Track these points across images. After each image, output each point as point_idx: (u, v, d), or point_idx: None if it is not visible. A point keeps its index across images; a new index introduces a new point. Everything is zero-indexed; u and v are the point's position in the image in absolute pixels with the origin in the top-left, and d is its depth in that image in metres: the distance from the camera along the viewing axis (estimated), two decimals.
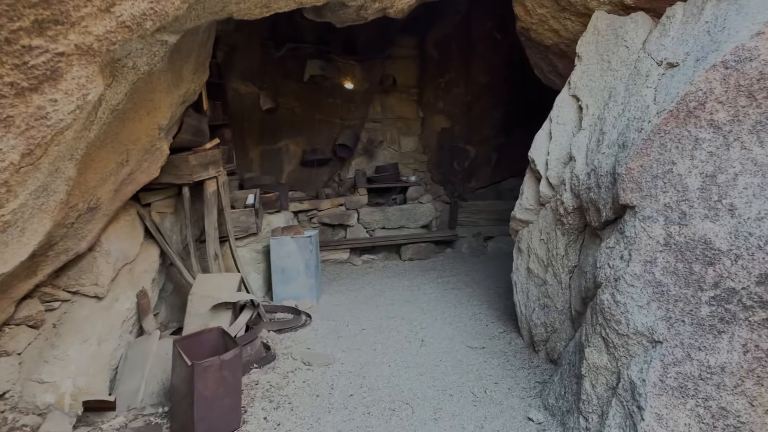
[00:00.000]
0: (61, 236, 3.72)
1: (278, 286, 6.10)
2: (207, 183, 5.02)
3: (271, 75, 7.97)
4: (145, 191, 5.01)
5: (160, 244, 4.82)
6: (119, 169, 4.02)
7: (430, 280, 6.88)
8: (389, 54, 8.86)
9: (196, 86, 4.61)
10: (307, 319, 5.50)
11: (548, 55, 5.33)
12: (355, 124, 8.88)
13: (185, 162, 4.72)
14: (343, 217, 8.33)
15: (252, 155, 8.19)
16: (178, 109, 4.53)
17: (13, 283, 3.58)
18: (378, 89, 8.97)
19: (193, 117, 4.94)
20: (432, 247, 8.08)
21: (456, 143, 9.27)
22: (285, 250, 6.07)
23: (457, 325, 5.23)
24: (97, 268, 4.14)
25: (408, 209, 8.40)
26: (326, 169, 8.92)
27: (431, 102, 9.20)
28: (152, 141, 4.28)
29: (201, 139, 5.15)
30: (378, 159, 9.23)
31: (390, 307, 5.90)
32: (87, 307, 4.08)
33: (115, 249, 4.31)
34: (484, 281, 6.67)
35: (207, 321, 4.28)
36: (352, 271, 7.63)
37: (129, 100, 3.73)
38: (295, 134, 8.47)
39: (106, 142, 3.71)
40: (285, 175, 8.56)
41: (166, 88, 4.19)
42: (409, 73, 9.17)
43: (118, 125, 3.76)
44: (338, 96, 8.60)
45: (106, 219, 4.18)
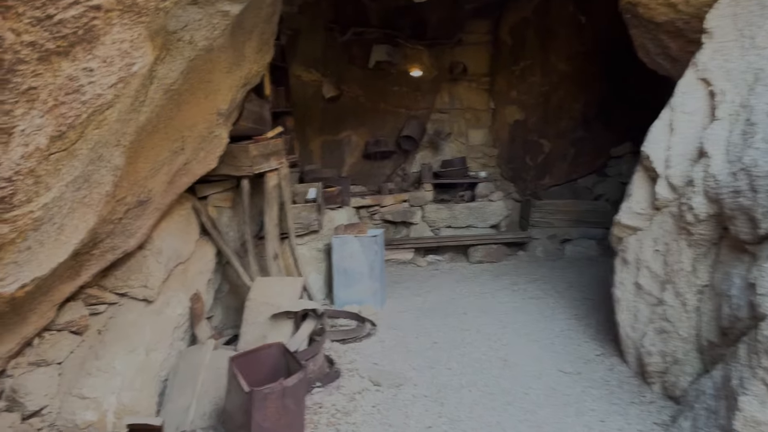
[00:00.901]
0: (108, 233, 3.30)
1: (340, 289, 5.60)
2: (268, 175, 4.54)
3: (334, 61, 7.48)
4: (201, 183, 4.58)
5: (216, 242, 4.37)
6: (173, 159, 3.58)
7: (504, 287, 6.23)
8: (460, 39, 8.22)
9: (259, 67, 4.13)
10: (372, 328, 4.97)
11: (659, 35, 4.59)
12: (421, 115, 8.30)
13: (245, 152, 4.25)
14: (407, 214, 7.77)
15: (312, 146, 7.72)
16: (239, 93, 4.06)
17: (54, 284, 3.18)
18: (446, 77, 8.35)
19: (254, 102, 4.47)
20: (503, 249, 7.42)
21: (529, 136, 8.56)
22: (348, 250, 5.55)
23: (544, 342, 4.59)
24: (147, 269, 3.72)
25: (477, 207, 7.76)
26: (389, 162, 8.38)
27: (504, 91, 8.51)
28: (210, 127, 3.83)
29: (262, 127, 4.67)
30: (444, 152, 8.62)
31: (462, 317, 5.30)
32: (135, 311, 3.67)
33: (167, 247, 3.88)
34: (567, 291, 5.98)
35: (265, 331, 3.80)
36: (416, 272, 7.07)
37: (185, 80, 3.27)
38: (358, 125, 7.96)
39: (158, 128, 3.26)
40: (346, 168, 8.07)
41: (227, 68, 3.72)
42: (481, 60, 8.50)
43: (173, 109, 3.30)
44: (404, 84, 8.03)
45: (158, 214, 3.75)
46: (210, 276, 4.37)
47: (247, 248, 4.67)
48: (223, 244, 4.41)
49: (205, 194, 4.68)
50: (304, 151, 7.53)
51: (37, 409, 3.04)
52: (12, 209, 2.02)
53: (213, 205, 4.71)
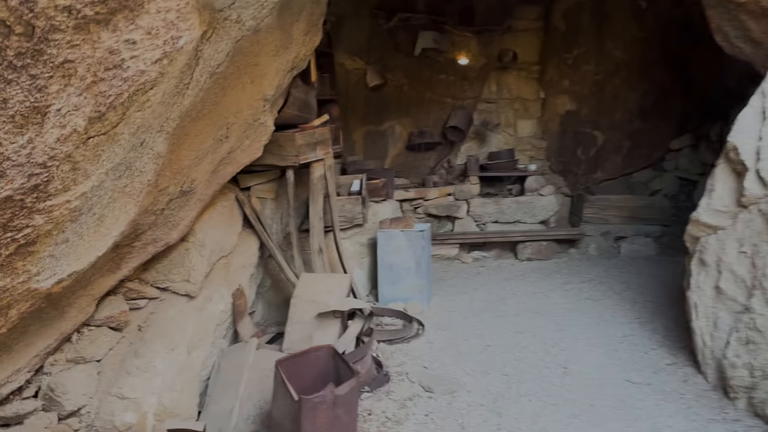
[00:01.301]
0: (149, 224, 3.13)
1: (384, 286, 5.36)
2: (313, 166, 4.32)
3: (378, 49, 7.21)
4: (243, 173, 4.39)
5: (260, 235, 4.18)
6: (217, 147, 3.38)
7: (556, 286, 5.90)
8: (509, 26, 7.85)
9: (307, 51, 3.90)
10: (420, 327, 4.72)
11: (739, 15, 4.18)
12: (467, 105, 7.96)
13: (291, 141, 4.03)
14: (452, 208, 7.47)
15: (355, 137, 7.49)
16: (286, 78, 3.84)
17: (94, 277, 3.02)
18: (495, 65, 7.98)
19: (300, 89, 4.25)
20: (554, 246, 7.07)
21: (581, 128, 8.14)
22: (393, 245, 5.31)
23: (606, 348, 4.26)
24: (189, 262, 3.54)
25: (526, 202, 7.41)
26: (433, 154, 8.08)
27: (555, 81, 8.10)
28: (255, 114, 3.62)
29: (308, 115, 4.45)
30: (490, 144, 8.27)
31: (515, 318, 5.01)
32: (177, 306, 3.49)
33: (210, 240, 3.70)
34: (625, 292, 5.61)
35: (311, 330, 3.59)
36: (461, 269, 6.78)
37: (231, 63, 3.06)
38: (402, 114, 7.68)
39: (203, 114, 3.06)
40: (389, 160, 7.81)
41: (274, 50, 3.50)
42: (531, 47, 8.10)
43: (218, 93, 3.10)
44: (451, 72, 7.70)
45: (201, 205, 3.57)
46: (253, 270, 4.18)
47: (290, 241, 4.47)
48: (267, 238, 4.21)
49: (248, 185, 4.49)
50: (347, 142, 7.30)
51: (75, 409, 2.89)
52: (47, 198, 1.83)
53: (256, 196, 4.52)
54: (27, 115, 1.53)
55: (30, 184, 1.70)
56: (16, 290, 2.08)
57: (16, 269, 1.98)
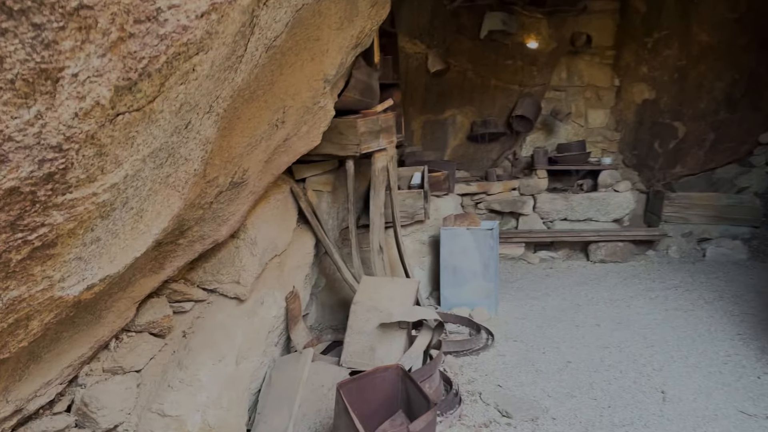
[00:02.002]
0: (196, 220, 2.77)
1: (447, 289, 4.90)
2: (376, 156, 3.90)
3: (441, 31, 6.71)
4: (299, 164, 4.01)
5: (316, 231, 3.79)
6: (272, 133, 2.99)
7: (638, 293, 5.31)
8: (584, 6, 7.21)
9: (373, 25, 3.46)
10: (489, 337, 4.25)
11: None
12: (535, 92, 7.38)
13: (352, 128, 3.61)
14: (516, 204, 6.94)
15: (414, 126, 7.03)
16: (349, 56, 3.41)
17: (135, 278, 2.68)
18: (566, 50, 7.37)
19: (362, 70, 3.82)
20: (630, 247, 6.44)
21: (660, 119, 7.43)
22: (459, 244, 4.84)
23: (708, 371, 3.69)
24: (239, 262, 3.18)
25: (599, 198, 6.80)
26: (496, 145, 7.55)
27: (632, 67, 7.42)
28: (315, 97, 3.21)
29: (371, 100, 4.03)
30: (558, 135, 7.68)
31: (595, 329, 4.47)
32: (225, 311, 3.13)
33: (262, 237, 3.33)
34: (717, 302, 4.97)
35: (373, 342, 3.17)
36: (528, 270, 6.25)
37: (289, 36, 2.66)
38: (465, 102, 7.17)
39: (257, 94, 2.67)
40: (449, 151, 7.33)
41: (338, 23, 3.08)
42: (606, 30, 7.44)
43: (274, 71, 2.70)
44: (519, 57, 7.13)
45: (253, 198, 3.19)
46: (308, 271, 3.79)
47: (348, 238, 4.07)
48: (324, 235, 3.82)
49: (303, 176, 4.11)
50: (405, 132, 6.85)
51: (111, 426, 2.57)
52: (67, 191, 1.45)
53: (312, 189, 4.13)
54: (32, 80, 1.15)
55: (42, 173, 1.32)
56: (35, 299, 1.73)
57: (33, 276, 1.63)
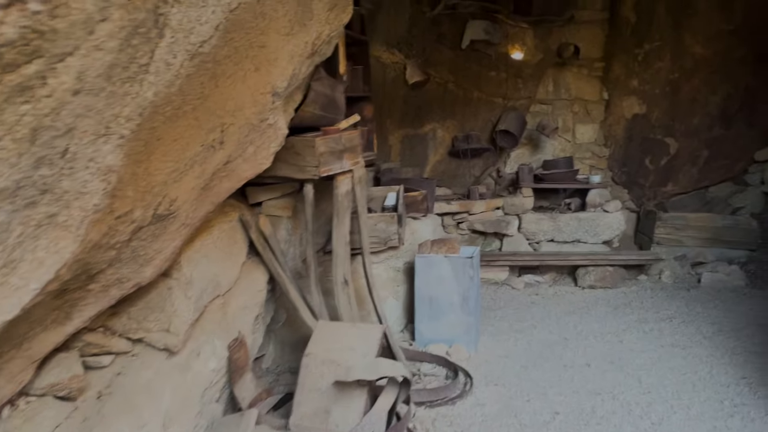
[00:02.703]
0: (109, 262, 2.28)
1: (423, 323, 4.44)
2: (339, 179, 3.44)
3: (420, 40, 6.31)
4: (254, 186, 3.56)
5: (270, 265, 3.32)
6: (208, 156, 2.53)
7: (630, 325, 4.88)
8: (572, 16, 6.84)
9: (332, 30, 3.02)
10: (468, 381, 3.79)
11: None
12: (520, 106, 6.99)
13: (310, 148, 3.16)
14: (500, 224, 6.51)
15: (391, 141, 6.59)
16: (304, 66, 2.96)
17: (33, 333, 2.20)
18: (552, 61, 6.99)
19: (324, 82, 3.38)
20: (621, 272, 6.03)
21: (651, 134, 7.08)
22: (435, 273, 4.39)
23: (714, 424, 3.26)
24: (171, 306, 2.70)
25: (587, 219, 6.39)
26: (479, 161, 7.14)
27: (621, 80, 7.06)
28: (262, 113, 2.76)
29: (334, 115, 3.58)
30: (545, 151, 7.28)
31: (585, 370, 4.03)
32: (152, 365, 2.65)
33: (201, 276, 2.85)
34: (717, 336, 4.56)
35: (328, 402, 2.70)
36: (512, 297, 5.81)
37: (225, 42, 2.21)
38: (446, 116, 6.76)
39: (183, 111, 2.21)
40: (429, 168, 6.90)
41: (287, 28, 2.63)
42: (594, 41, 7.08)
43: (206, 83, 2.24)
44: (503, 69, 6.75)
45: (187, 231, 2.71)
46: (259, 311, 3.32)
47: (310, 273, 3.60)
48: (279, 268, 3.34)
49: (258, 200, 3.66)
50: (382, 147, 6.42)
51: None
52: None
53: (268, 214, 3.67)
54: None
55: None
56: None
57: None
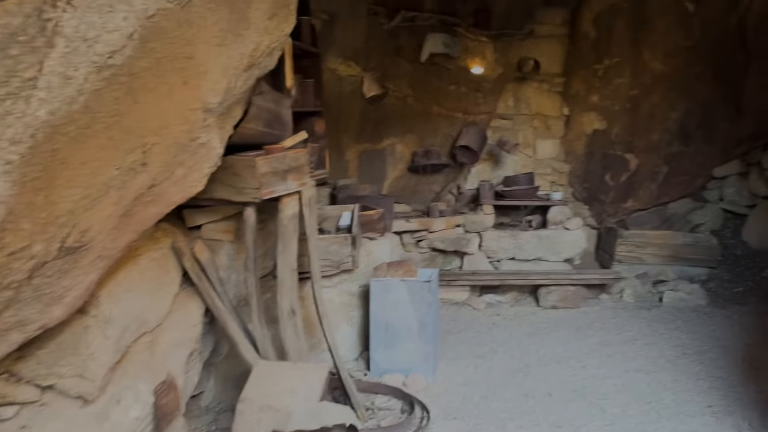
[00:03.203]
0: (5, 303, 1.97)
1: (378, 351, 4.20)
2: (284, 201, 3.18)
3: (378, 53, 6.12)
4: (192, 207, 3.27)
5: (204, 297, 3.02)
6: (128, 180, 2.24)
7: (592, 348, 4.74)
8: (531, 30, 6.76)
9: (273, 42, 2.77)
10: (424, 416, 3.55)
11: None
12: (480, 121, 6.85)
13: (250, 168, 2.89)
14: (461, 242, 6.33)
15: (348, 156, 6.36)
16: (241, 80, 2.70)
17: None
18: (512, 76, 6.88)
19: (268, 97, 3.12)
20: (583, 291, 5.90)
21: (611, 150, 7.03)
22: (391, 298, 4.15)
23: None
24: (86, 348, 2.39)
25: (549, 237, 6.26)
26: (439, 177, 6.95)
27: (581, 95, 7.00)
28: (192, 131, 2.48)
29: (280, 132, 3.32)
30: (505, 167, 7.14)
31: (547, 400, 3.85)
32: (64, 416, 2.33)
33: (123, 312, 2.55)
34: (681, 360, 4.45)
35: None
36: (473, 318, 5.62)
37: (143, 53, 1.95)
38: (405, 131, 6.57)
39: (94, 131, 1.93)
40: (387, 184, 6.68)
41: (219, 37, 2.37)
42: (554, 56, 7.00)
43: (121, 98, 1.97)
44: (463, 83, 6.61)
45: (105, 264, 2.41)
46: (194, 347, 3.01)
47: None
48: (217, 299, 3.05)
49: (196, 223, 3.36)
50: (338, 163, 6.18)
51: None
52: None
53: (208, 238, 3.38)
54: None
55: None
56: None
57: None
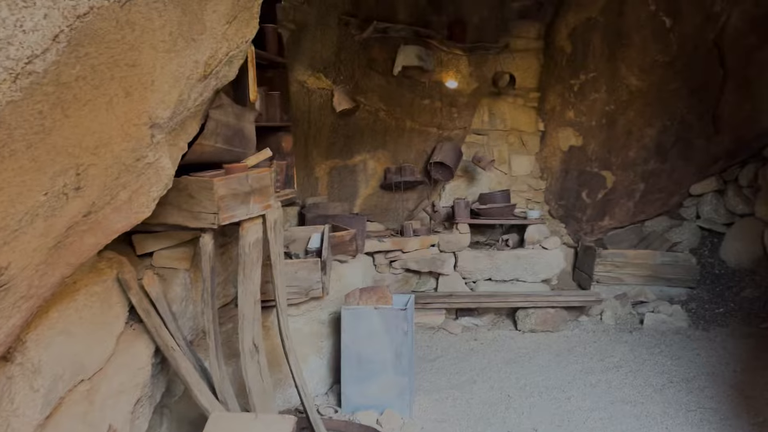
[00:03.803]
0: None
1: (350, 385, 3.88)
2: (245, 226, 2.86)
3: (349, 65, 5.84)
4: (143, 233, 2.92)
5: (154, 337, 2.67)
6: (57, 206, 1.90)
7: (576, 377, 4.51)
8: (507, 44, 6.60)
9: (232, 49, 2.46)
10: None
11: None
12: (455, 136, 6.64)
13: (207, 190, 2.57)
14: (436, 263, 6.07)
15: (318, 173, 6.05)
16: (195, 91, 2.38)
17: None
18: (488, 90, 6.70)
19: (228, 110, 2.81)
20: (563, 314, 5.68)
21: (588, 167, 6.91)
22: (364, 327, 3.85)
23: None
24: (9, 403, 2.02)
25: (526, 257, 6.04)
26: (413, 194, 6.71)
27: (557, 111, 6.87)
28: (137, 149, 2.16)
29: (242, 149, 3.01)
30: (480, 183, 6.94)
31: None
32: None
33: (55, 358, 2.19)
34: (668, 389, 4.24)
35: None
36: (449, 344, 5.35)
37: (74, 58, 1.64)
38: (377, 146, 6.30)
39: (11, 150, 1.61)
40: (359, 202, 6.40)
41: (168, 43, 2.06)
42: (530, 71, 6.86)
43: (48, 113, 1.66)
44: (437, 97, 6.39)
45: (32, 304, 2.05)
46: (141, 393, 2.65)
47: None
48: (169, 338, 2.70)
49: (148, 250, 3.01)
50: (307, 180, 5.88)
51: None
52: None
53: (161, 267, 3.04)
54: None
55: None
56: None
57: None
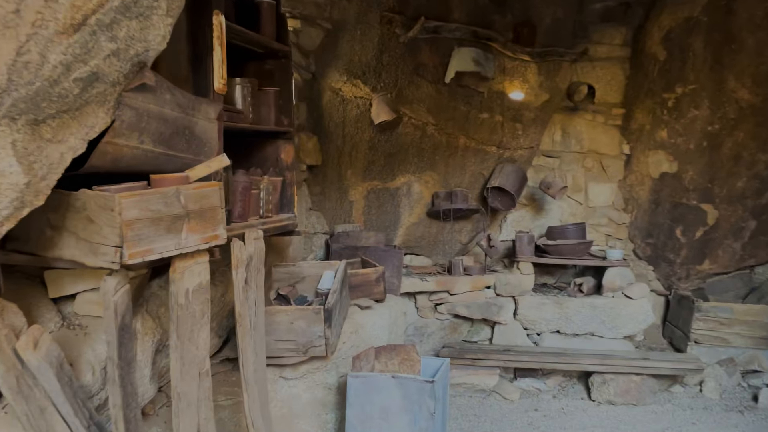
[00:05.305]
0: None
1: None
2: (177, 267, 1.97)
3: (392, 70, 4.96)
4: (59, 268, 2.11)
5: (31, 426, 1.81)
6: None
7: None
8: (585, 50, 5.53)
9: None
10: None
11: None
12: (519, 158, 5.60)
13: (106, 211, 1.71)
14: (491, 309, 5.01)
15: (353, 196, 5.16)
16: (55, 50, 1.52)
17: None
18: (561, 104, 5.64)
19: (162, 96, 1.96)
20: (650, 383, 4.45)
21: (684, 199, 5.66)
22: (378, 402, 2.86)
23: None
24: None
25: (605, 306, 4.87)
26: (466, 224, 5.69)
27: (646, 130, 5.70)
28: None
29: (189, 155, 2.14)
30: (550, 215, 5.83)
31: None
32: None
33: None
34: None
35: None
36: (503, 414, 4.25)
37: None
38: (424, 167, 5.36)
39: None
40: (401, 231, 5.44)
41: None
42: (613, 82, 5.76)
43: None
44: (498, 110, 5.39)
45: None
46: None
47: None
48: (59, 427, 1.84)
49: (66, 293, 2.19)
50: (339, 205, 5.01)
51: None
52: None
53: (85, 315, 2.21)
54: None
55: None
56: None
57: None
